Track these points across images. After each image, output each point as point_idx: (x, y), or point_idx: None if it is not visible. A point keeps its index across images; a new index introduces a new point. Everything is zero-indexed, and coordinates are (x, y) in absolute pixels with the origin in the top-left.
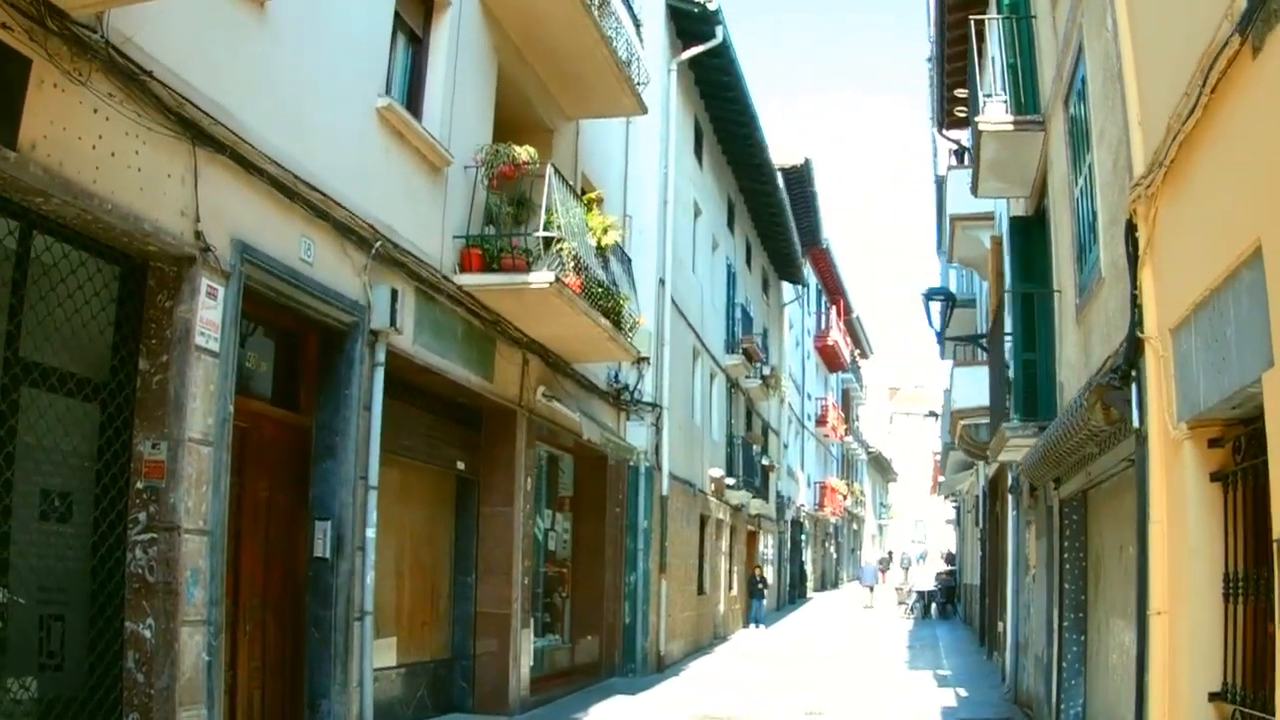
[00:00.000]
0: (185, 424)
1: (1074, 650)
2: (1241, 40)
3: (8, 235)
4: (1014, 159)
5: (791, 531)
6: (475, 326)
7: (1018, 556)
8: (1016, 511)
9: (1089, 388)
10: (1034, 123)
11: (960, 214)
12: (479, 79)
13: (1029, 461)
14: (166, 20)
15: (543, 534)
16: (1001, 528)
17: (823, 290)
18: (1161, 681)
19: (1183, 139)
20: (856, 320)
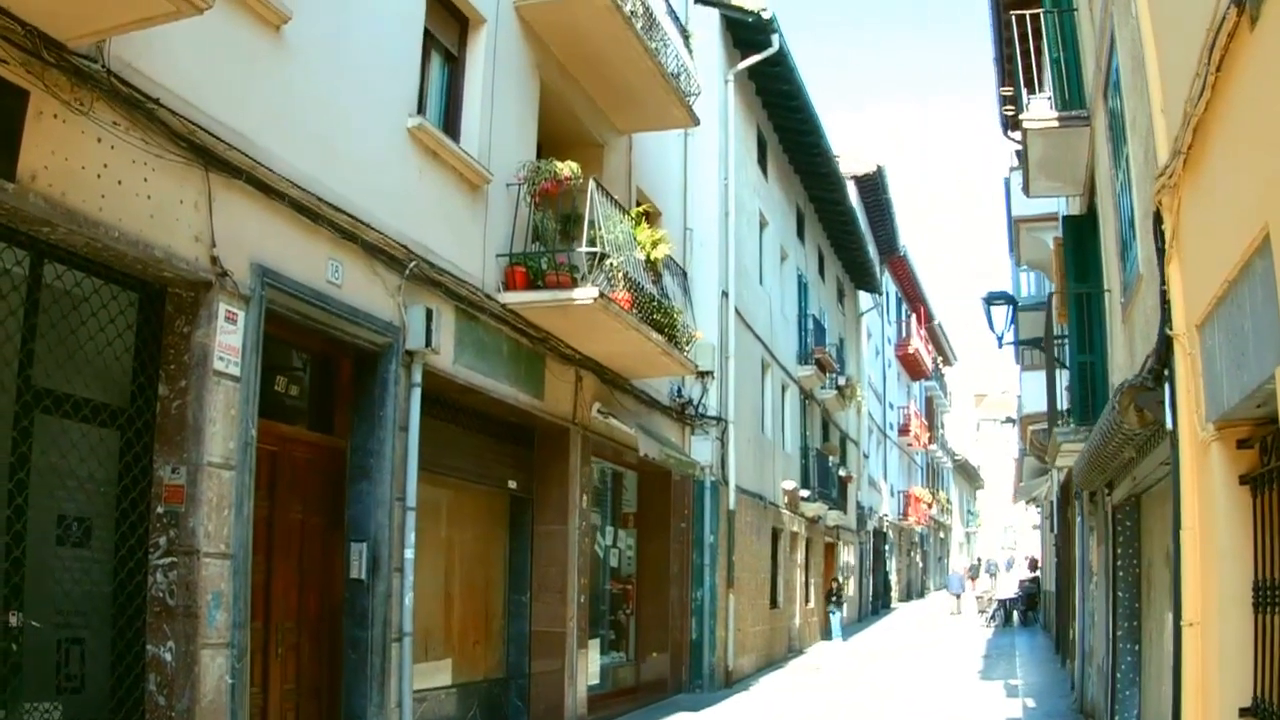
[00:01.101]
0: (204, 448)
1: (1128, 659)
2: (1239, 11)
3: (15, 265)
4: (1062, 156)
5: (874, 542)
6: (523, 345)
7: (1083, 563)
8: (1081, 517)
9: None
10: (1079, 118)
11: (1024, 216)
12: (519, 96)
13: (1079, 467)
14: (173, 46)
15: (605, 551)
16: (1071, 534)
17: (902, 298)
18: (1195, 696)
19: (1195, 123)
20: (938, 327)
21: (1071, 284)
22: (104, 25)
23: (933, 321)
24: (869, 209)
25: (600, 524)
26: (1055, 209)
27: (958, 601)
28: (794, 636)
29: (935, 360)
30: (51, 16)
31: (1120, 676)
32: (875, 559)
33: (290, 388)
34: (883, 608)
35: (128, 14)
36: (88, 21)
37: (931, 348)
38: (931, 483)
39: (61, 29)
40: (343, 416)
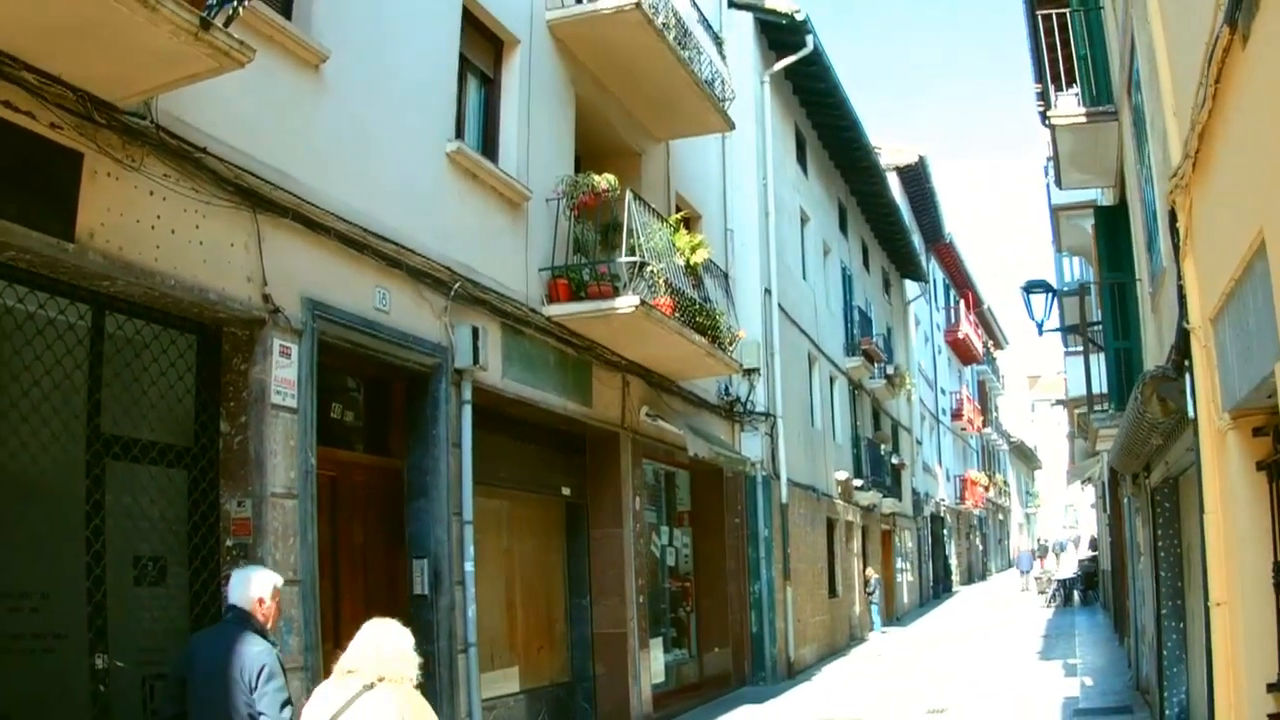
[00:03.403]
0: (267, 480)
1: (1174, 638)
2: (1231, 31)
3: (79, 319)
4: (1092, 150)
5: (932, 527)
6: (568, 355)
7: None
8: (1128, 498)
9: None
10: (1107, 113)
11: (1062, 204)
12: (555, 112)
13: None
14: (218, 96)
15: (662, 550)
16: (1122, 514)
17: (950, 284)
18: (1225, 673)
19: (1200, 130)
20: (988, 311)
21: (1105, 272)
22: (152, 84)
23: (982, 306)
24: (913, 198)
25: (656, 524)
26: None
27: (1026, 578)
28: (855, 624)
29: (986, 344)
30: (101, 80)
31: (1167, 654)
32: (934, 544)
33: (345, 414)
34: (944, 591)
35: (174, 73)
36: (136, 82)
37: (981, 332)
38: (987, 466)
39: (111, 91)
40: (398, 437)
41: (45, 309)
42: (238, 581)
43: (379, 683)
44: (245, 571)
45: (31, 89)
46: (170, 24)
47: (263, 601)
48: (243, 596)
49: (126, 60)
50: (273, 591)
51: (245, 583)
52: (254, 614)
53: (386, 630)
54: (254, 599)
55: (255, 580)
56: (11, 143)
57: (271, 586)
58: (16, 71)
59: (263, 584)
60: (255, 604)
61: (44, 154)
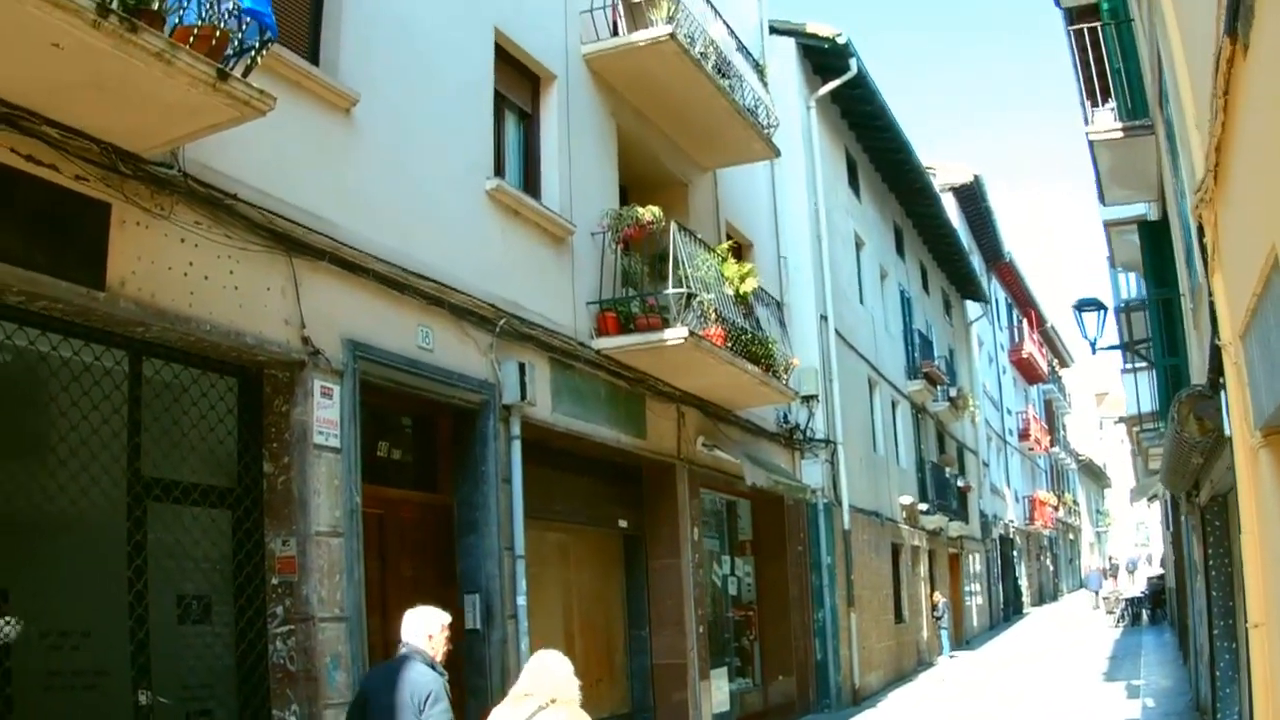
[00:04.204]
0: (311, 519)
1: (1226, 658)
2: (1232, 41)
3: (115, 365)
4: (1131, 164)
5: (1001, 549)
6: (620, 387)
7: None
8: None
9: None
10: (1143, 127)
11: (1112, 219)
12: (597, 145)
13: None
14: (246, 142)
15: (723, 580)
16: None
17: (1012, 303)
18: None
19: (1215, 142)
20: (1052, 329)
21: (1151, 288)
22: (175, 135)
23: (1045, 324)
24: (970, 218)
25: (718, 553)
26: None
27: (1097, 597)
28: (922, 649)
29: (1050, 363)
30: (124, 132)
31: (1220, 675)
32: (1003, 566)
33: (392, 452)
34: (1014, 614)
35: (196, 123)
36: (159, 133)
37: (1046, 351)
38: (1056, 485)
39: (135, 142)
40: (446, 474)
41: (80, 355)
42: (409, 620)
43: (551, 704)
44: (416, 611)
45: (54, 142)
46: (186, 76)
47: (431, 637)
48: (413, 633)
49: (147, 112)
50: (440, 628)
51: (415, 621)
52: (423, 648)
53: (554, 658)
54: (423, 635)
55: (424, 619)
56: (37, 195)
57: (438, 625)
58: (37, 126)
59: (430, 622)
60: (425, 639)
61: (71, 205)
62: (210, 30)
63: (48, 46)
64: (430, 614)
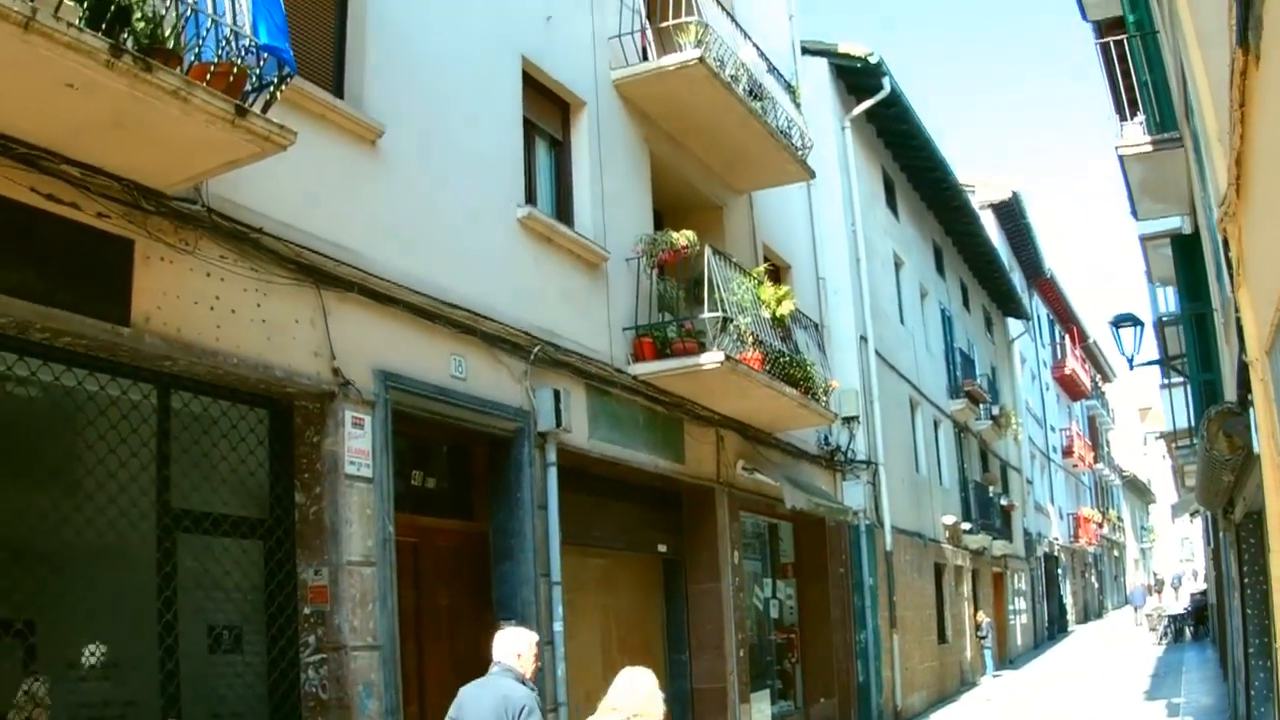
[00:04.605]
0: (343, 549)
1: (1261, 676)
2: (1244, 52)
3: (143, 399)
4: (1162, 178)
5: (1045, 567)
6: (658, 412)
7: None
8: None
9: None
10: (1172, 140)
11: (1148, 234)
12: (629, 171)
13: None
14: (271, 176)
15: (765, 602)
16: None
17: (1054, 319)
18: None
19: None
20: (1094, 345)
21: (1184, 303)
22: (195, 171)
23: (1087, 340)
24: (1010, 235)
25: (759, 575)
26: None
27: (1140, 614)
28: (965, 669)
29: (1094, 378)
30: (144, 169)
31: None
32: (1048, 584)
33: (427, 480)
34: (1059, 632)
35: (216, 159)
36: (180, 170)
37: (1089, 367)
38: (1101, 502)
39: (156, 179)
40: (481, 501)
41: (107, 389)
42: (500, 640)
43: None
44: (506, 631)
45: (74, 181)
46: (204, 113)
47: (520, 655)
48: (504, 652)
49: (166, 149)
50: (529, 647)
51: (506, 641)
52: (514, 665)
53: (640, 674)
54: (514, 653)
55: (514, 638)
56: (59, 234)
57: (527, 643)
58: (57, 165)
59: (520, 641)
60: (515, 658)
61: (93, 243)
62: (228, 67)
63: (63, 87)
64: (520, 633)
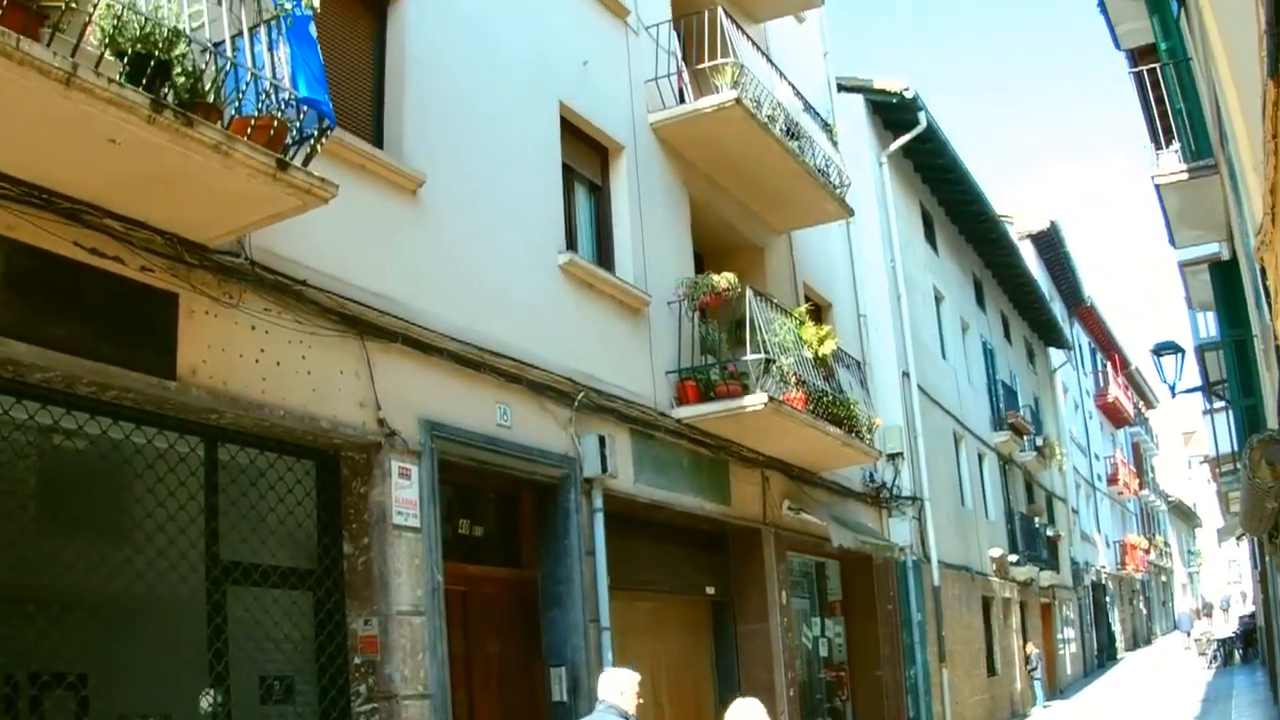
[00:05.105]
0: (392, 599)
1: None
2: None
3: (191, 451)
4: (1198, 205)
5: (1093, 595)
6: (703, 455)
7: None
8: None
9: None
10: (1207, 167)
11: (1187, 260)
12: (669, 214)
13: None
14: (313, 228)
15: (814, 641)
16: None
17: (1096, 347)
18: None
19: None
20: (1136, 371)
21: (1224, 329)
22: (237, 225)
23: (1129, 367)
24: (1049, 265)
25: (808, 614)
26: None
27: (1188, 638)
28: (1016, 701)
29: (1136, 405)
30: (187, 223)
31: None
32: (1096, 612)
33: (474, 528)
34: (1108, 659)
35: (258, 213)
36: (222, 223)
37: (1131, 393)
38: (1147, 528)
39: (199, 232)
40: (529, 548)
41: (154, 442)
42: (604, 679)
43: None
44: (610, 671)
45: (117, 235)
46: (246, 167)
47: (622, 693)
48: (608, 690)
49: (208, 204)
50: (630, 685)
51: (609, 680)
52: (618, 703)
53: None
54: (616, 691)
55: (617, 677)
56: (104, 288)
57: (629, 682)
58: (100, 219)
59: (621, 680)
60: (618, 695)
61: (137, 296)
62: (268, 120)
63: (105, 142)
64: (622, 673)
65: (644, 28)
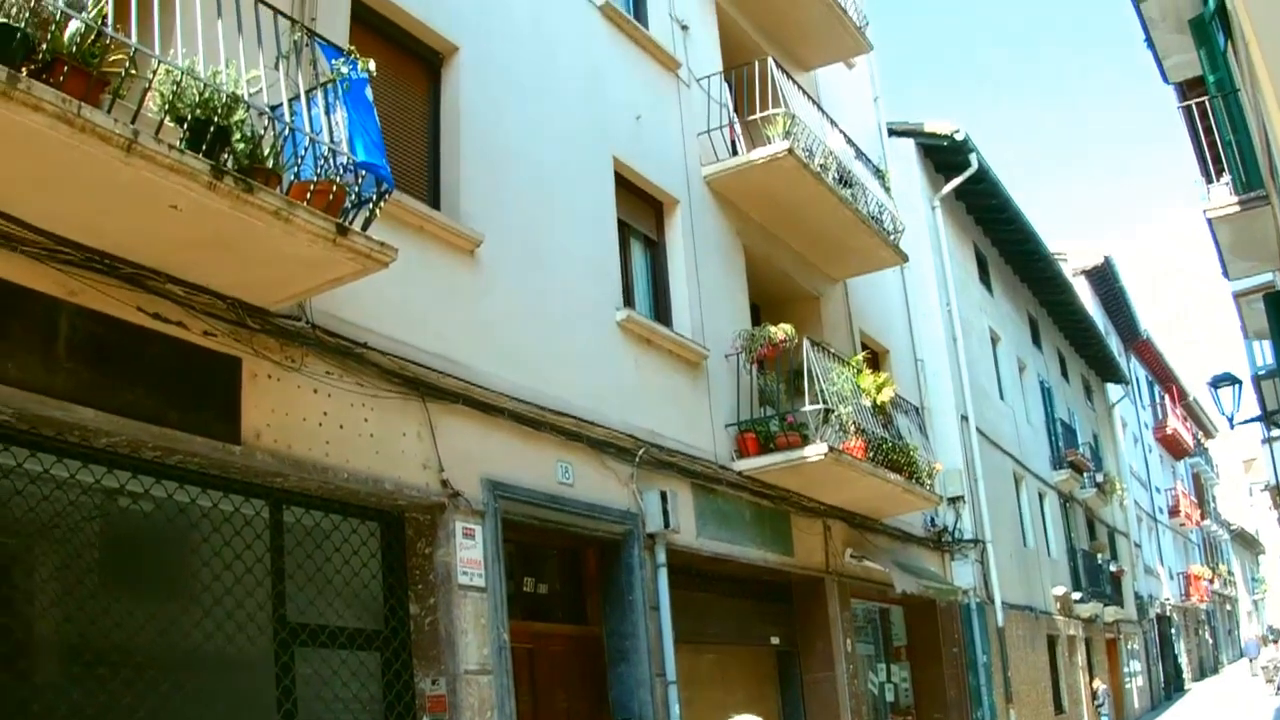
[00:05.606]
0: (459, 659)
1: None
2: None
3: (256, 515)
4: (1250, 236)
5: (1159, 628)
6: (764, 506)
7: None
8: None
9: None
10: (1259, 198)
11: (1241, 289)
12: (725, 266)
13: None
14: (373, 290)
15: (879, 687)
16: None
17: (1153, 380)
18: None
19: None
20: (1194, 402)
21: None
22: (299, 289)
23: (1187, 398)
24: (1104, 299)
25: (873, 659)
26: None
27: (1253, 664)
28: None
29: (1195, 436)
30: (249, 287)
31: None
32: (1162, 644)
33: (539, 586)
34: (1176, 691)
35: (319, 277)
36: (283, 288)
37: (1190, 424)
38: (1210, 558)
39: (261, 296)
40: (594, 604)
41: (220, 505)
42: None
43: None
44: None
45: (179, 300)
46: (306, 233)
47: None
48: None
49: (270, 268)
50: None
51: None
52: None
53: None
54: None
55: None
56: (167, 353)
57: None
58: (161, 284)
59: None
60: None
61: (201, 361)
62: (327, 185)
63: (166, 208)
64: None
65: (695, 80)
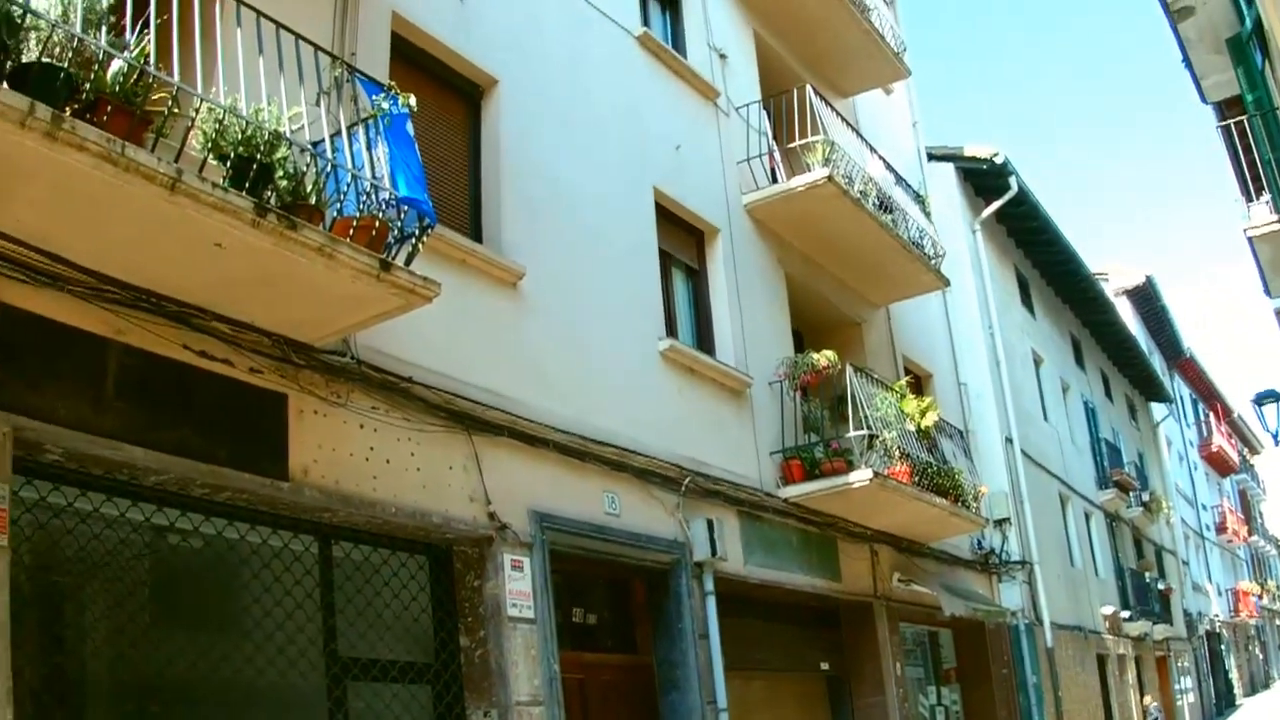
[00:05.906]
0: (510, 690)
1: None
2: None
3: (305, 550)
4: None
5: (1208, 644)
6: (811, 532)
7: None
8: None
9: None
10: None
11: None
12: (766, 294)
13: None
14: (417, 325)
15: (929, 710)
16: None
17: (1197, 398)
18: None
19: None
20: (1239, 419)
21: None
22: (343, 325)
23: (1232, 415)
24: (1146, 319)
25: (922, 683)
26: None
27: None
28: None
29: (1241, 452)
30: (294, 324)
31: None
32: (1212, 661)
33: (588, 617)
34: (1227, 707)
35: (363, 313)
36: (328, 324)
37: (1235, 441)
38: (1258, 574)
39: (306, 333)
40: (643, 633)
41: (269, 541)
42: None
43: None
44: None
45: (225, 337)
46: (349, 269)
47: None
48: None
49: (314, 305)
50: None
51: None
52: None
53: None
54: None
55: None
56: (213, 390)
57: None
58: (207, 322)
59: None
60: None
61: (247, 398)
62: (370, 221)
63: (211, 246)
64: None
65: (734, 108)
